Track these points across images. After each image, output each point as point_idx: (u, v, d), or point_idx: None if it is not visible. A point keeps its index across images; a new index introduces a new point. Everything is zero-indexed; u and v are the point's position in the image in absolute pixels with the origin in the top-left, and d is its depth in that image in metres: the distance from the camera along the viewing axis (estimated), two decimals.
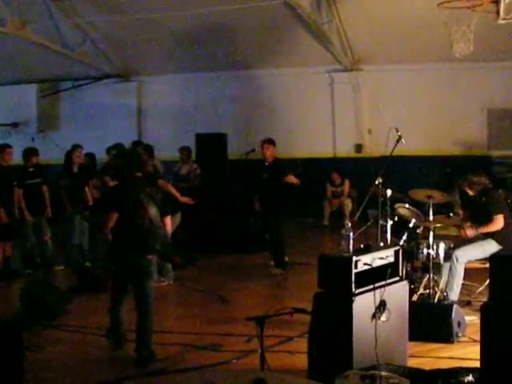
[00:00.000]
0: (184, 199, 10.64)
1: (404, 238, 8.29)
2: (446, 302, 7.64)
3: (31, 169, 11.25)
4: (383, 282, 5.34)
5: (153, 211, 6.61)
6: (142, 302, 6.55)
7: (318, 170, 16.30)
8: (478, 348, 4.91)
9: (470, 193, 8.41)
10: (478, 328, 4.96)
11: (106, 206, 6.80)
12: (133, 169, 6.81)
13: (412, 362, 5.78)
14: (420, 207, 8.79)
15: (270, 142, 10.90)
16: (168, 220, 7.18)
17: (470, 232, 8.18)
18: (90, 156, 13.34)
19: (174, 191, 10.38)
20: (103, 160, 13.13)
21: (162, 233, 6.77)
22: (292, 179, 10.75)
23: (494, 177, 14.22)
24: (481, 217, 8.21)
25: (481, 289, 8.20)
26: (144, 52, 17.02)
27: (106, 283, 9.61)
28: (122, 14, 14.70)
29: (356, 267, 5.21)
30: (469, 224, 8.32)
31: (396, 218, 8.45)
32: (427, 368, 5.38)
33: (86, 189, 11.64)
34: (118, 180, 7.23)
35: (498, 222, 8.03)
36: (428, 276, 7.98)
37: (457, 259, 7.91)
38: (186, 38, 15.92)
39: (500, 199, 8.44)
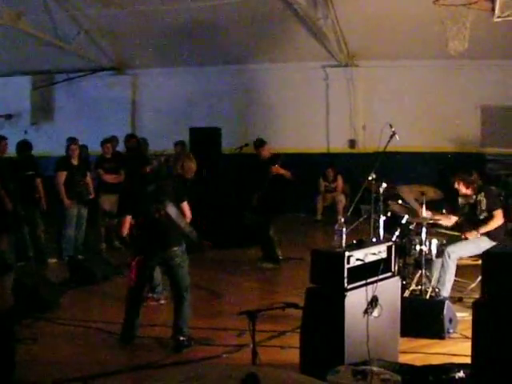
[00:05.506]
0: None
1: (397, 233, 8.30)
2: (437, 299, 7.65)
3: (24, 161, 11.21)
4: (375, 278, 5.35)
5: (167, 204, 6.67)
6: (177, 290, 6.83)
7: (311, 165, 16.27)
8: (469, 344, 4.91)
9: (467, 192, 8.30)
10: (469, 324, 4.97)
11: (118, 211, 6.97)
12: (139, 165, 6.86)
13: (403, 358, 5.80)
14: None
15: (261, 143, 10.94)
16: (185, 205, 7.03)
17: (470, 235, 8.12)
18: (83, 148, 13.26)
19: None
20: (97, 152, 13.11)
21: (183, 224, 6.80)
22: (278, 169, 10.66)
23: (488, 174, 14.26)
24: (479, 214, 8.19)
25: (472, 285, 8.21)
26: (138, 45, 16.98)
27: (98, 276, 9.68)
28: (116, 7, 14.65)
29: (348, 262, 5.21)
30: (467, 228, 8.25)
31: (389, 214, 8.48)
32: (418, 364, 5.39)
33: (88, 180, 11.64)
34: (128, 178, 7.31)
35: (499, 217, 8.05)
36: (420, 272, 8.01)
37: (449, 255, 7.90)
38: (180, 32, 15.87)
39: (496, 194, 8.43)
